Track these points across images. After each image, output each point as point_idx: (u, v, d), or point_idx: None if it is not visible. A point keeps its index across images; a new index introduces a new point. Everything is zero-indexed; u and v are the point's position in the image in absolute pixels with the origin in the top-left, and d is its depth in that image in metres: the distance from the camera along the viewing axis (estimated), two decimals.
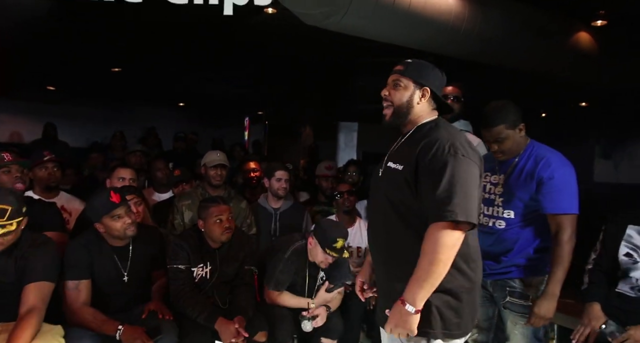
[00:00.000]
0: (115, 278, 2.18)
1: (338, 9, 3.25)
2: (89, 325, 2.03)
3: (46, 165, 2.65)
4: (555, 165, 1.85)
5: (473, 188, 1.39)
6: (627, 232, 1.90)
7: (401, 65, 1.57)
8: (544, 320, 1.83)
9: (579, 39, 4.59)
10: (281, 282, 2.48)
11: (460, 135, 1.51)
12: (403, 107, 1.53)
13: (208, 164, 2.98)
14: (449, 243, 1.35)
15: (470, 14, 3.75)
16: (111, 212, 2.10)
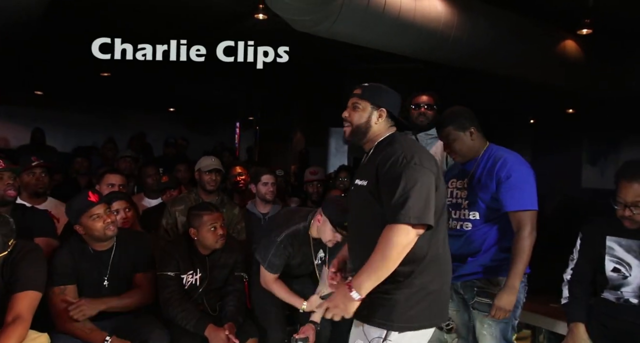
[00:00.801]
0: (96, 283, 2.15)
1: (328, 15, 3.27)
2: (75, 332, 2.00)
3: (34, 171, 2.61)
4: (512, 165, 1.91)
5: (427, 193, 1.51)
6: (607, 244, 1.84)
7: (359, 88, 1.71)
8: (504, 312, 1.87)
9: (566, 47, 4.68)
10: (274, 264, 2.37)
11: (416, 146, 1.66)
12: (361, 126, 1.67)
13: (203, 169, 2.96)
14: (401, 243, 1.46)
15: (459, 21, 3.80)
16: (89, 211, 2.07)
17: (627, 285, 1.81)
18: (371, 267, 1.47)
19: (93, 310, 2.06)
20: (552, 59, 4.59)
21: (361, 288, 1.46)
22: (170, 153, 5.97)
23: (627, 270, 1.80)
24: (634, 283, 1.79)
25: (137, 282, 2.23)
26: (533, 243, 1.87)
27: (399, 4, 3.44)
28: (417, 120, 2.51)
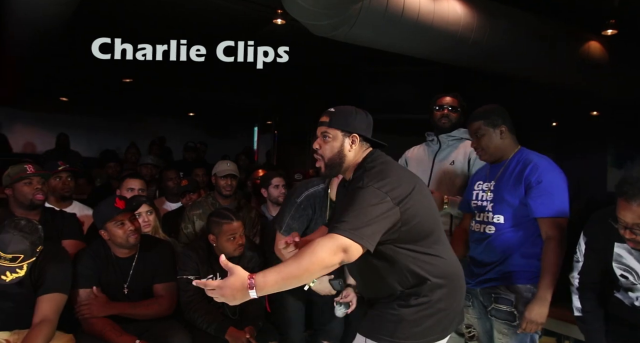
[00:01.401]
0: (116, 289, 2.17)
1: (346, 20, 3.27)
2: (105, 335, 2.03)
3: (60, 175, 2.69)
4: (544, 169, 1.86)
5: (374, 215, 1.39)
6: (615, 251, 1.71)
7: (326, 116, 1.61)
8: (536, 325, 1.80)
9: (590, 48, 4.58)
10: (292, 228, 2.28)
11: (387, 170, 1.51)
12: (335, 158, 1.58)
13: (218, 174, 3.00)
14: (324, 258, 1.32)
15: (478, 24, 3.76)
16: (114, 217, 2.10)
17: (636, 290, 1.71)
18: (283, 272, 1.31)
19: (102, 311, 2.07)
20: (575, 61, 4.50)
21: (262, 290, 1.29)
22: (189, 157, 6.05)
23: (635, 278, 1.68)
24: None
25: (156, 292, 2.23)
26: (564, 253, 1.80)
27: (418, 7, 3.42)
28: (440, 122, 2.46)
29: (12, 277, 1.84)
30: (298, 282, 1.33)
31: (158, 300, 2.19)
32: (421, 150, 2.56)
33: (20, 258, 1.84)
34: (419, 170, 2.46)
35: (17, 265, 1.84)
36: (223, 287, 1.28)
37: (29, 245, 1.86)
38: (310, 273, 1.32)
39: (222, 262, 1.32)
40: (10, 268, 1.84)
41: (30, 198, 2.24)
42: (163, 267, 2.26)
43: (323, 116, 1.62)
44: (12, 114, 7.87)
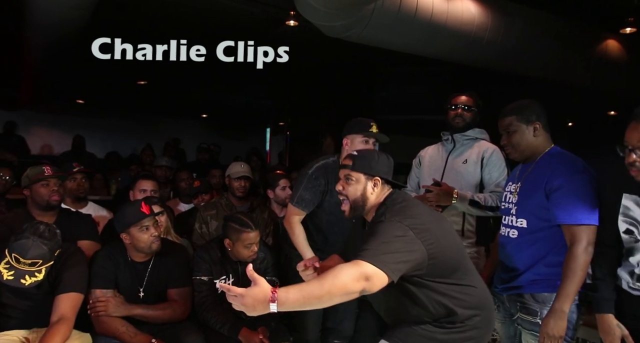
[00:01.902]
0: (132, 293, 2.18)
1: (359, 21, 3.27)
2: (120, 336, 2.04)
3: (75, 176, 2.73)
4: (567, 173, 1.74)
5: (398, 247, 1.44)
6: (623, 203, 1.61)
7: (349, 159, 1.69)
8: (555, 339, 1.70)
9: (607, 46, 4.50)
10: (304, 199, 2.30)
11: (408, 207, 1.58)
12: (358, 200, 1.66)
13: (232, 176, 3.02)
14: (347, 284, 1.35)
15: (493, 24, 3.72)
16: (140, 222, 2.11)
17: (637, 250, 1.60)
18: (305, 291, 1.34)
19: (118, 311, 2.08)
20: (592, 60, 4.43)
21: (283, 305, 1.30)
22: (203, 158, 6.10)
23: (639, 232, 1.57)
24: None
25: (170, 297, 2.22)
26: (588, 262, 1.69)
27: (431, 7, 3.40)
28: (453, 121, 2.42)
29: (30, 281, 1.88)
30: (318, 303, 1.35)
31: (172, 305, 2.19)
32: (436, 149, 2.55)
33: (39, 263, 1.88)
34: (431, 169, 2.46)
35: (36, 269, 1.88)
36: (245, 295, 1.30)
37: (47, 250, 1.89)
38: (331, 296, 1.34)
39: (248, 271, 1.35)
40: (29, 272, 1.87)
41: (47, 200, 2.28)
42: (178, 272, 2.25)
43: (346, 159, 1.71)
44: (30, 116, 8.03)
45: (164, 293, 2.23)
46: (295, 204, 2.33)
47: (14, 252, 1.85)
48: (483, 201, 2.24)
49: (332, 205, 2.32)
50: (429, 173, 2.44)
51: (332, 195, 2.30)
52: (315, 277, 1.65)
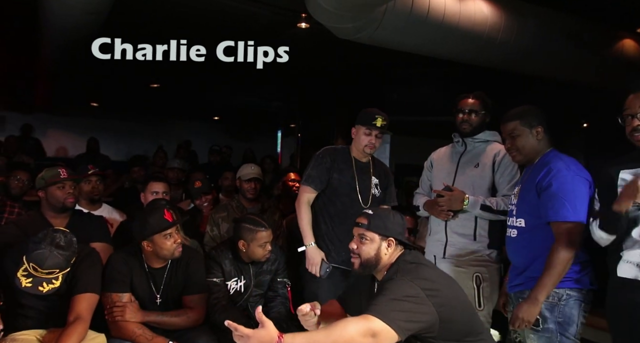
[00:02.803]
0: (148, 300, 2.18)
1: (371, 22, 3.26)
2: (137, 339, 2.04)
3: (90, 179, 2.77)
4: (556, 173, 1.82)
5: (405, 303, 1.46)
6: (620, 177, 1.67)
7: (364, 218, 1.70)
8: (524, 322, 1.80)
9: (624, 46, 4.43)
10: (311, 176, 2.43)
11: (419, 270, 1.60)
12: (371, 260, 1.67)
13: (243, 178, 3.03)
14: (352, 336, 1.37)
15: (506, 24, 3.69)
16: (166, 230, 2.10)
17: None
18: (312, 339, 1.38)
19: (134, 317, 2.08)
20: (607, 60, 4.36)
21: None
22: (214, 160, 6.14)
23: None
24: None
25: (185, 304, 2.21)
26: (570, 258, 1.76)
27: (443, 8, 3.38)
28: (461, 126, 2.38)
29: (48, 288, 1.90)
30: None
31: (187, 312, 2.18)
32: (447, 151, 2.52)
33: (55, 271, 1.90)
34: (443, 172, 2.44)
35: (53, 277, 1.90)
36: (252, 337, 1.32)
37: (63, 260, 1.91)
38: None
39: (257, 315, 1.37)
40: (46, 280, 1.89)
41: (62, 202, 2.30)
42: (193, 278, 2.24)
43: (361, 217, 1.71)
44: (45, 119, 8.17)
45: (179, 300, 2.23)
46: (304, 183, 2.46)
47: (32, 262, 1.87)
48: (495, 205, 2.24)
49: (343, 185, 2.42)
50: (441, 176, 2.44)
51: (342, 174, 2.42)
52: (315, 323, 1.68)
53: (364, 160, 2.49)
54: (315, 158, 2.50)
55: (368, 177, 2.48)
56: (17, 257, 1.92)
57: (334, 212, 2.43)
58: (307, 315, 1.68)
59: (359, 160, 2.48)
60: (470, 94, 2.41)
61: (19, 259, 1.90)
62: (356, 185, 2.43)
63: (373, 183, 2.48)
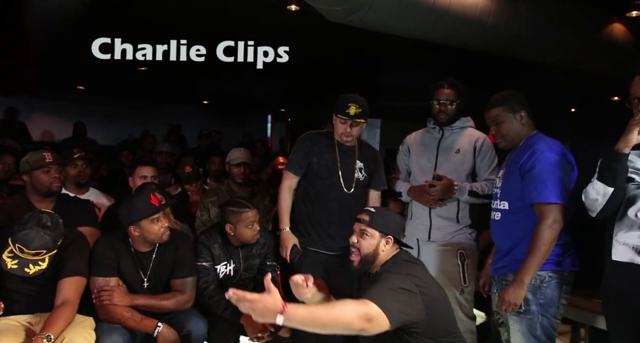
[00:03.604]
0: (135, 283, 2.18)
1: (362, 5, 3.22)
2: (126, 321, 2.04)
3: (76, 163, 2.73)
4: (539, 155, 1.84)
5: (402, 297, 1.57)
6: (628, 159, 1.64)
7: (367, 214, 1.80)
8: (509, 305, 1.83)
9: (613, 30, 4.43)
10: (292, 161, 2.45)
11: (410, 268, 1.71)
12: (370, 255, 1.78)
13: (232, 162, 3.02)
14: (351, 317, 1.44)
15: (496, 8, 3.67)
16: (153, 215, 2.09)
17: None
18: (314, 313, 1.43)
19: (122, 301, 2.08)
20: (597, 44, 4.36)
21: (289, 319, 1.36)
22: (204, 145, 6.10)
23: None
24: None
25: (174, 288, 2.22)
26: (553, 238, 1.79)
27: None
28: (438, 117, 2.44)
29: (35, 270, 1.89)
30: (321, 327, 1.43)
31: (176, 295, 2.19)
32: (423, 136, 2.56)
33: (42, 252, 1.89)
34: (423, 158, 2.49)
35: (40, 258, 1.89)
36: (258, 301, 1.35)
37: (50, 240, 1.90)
38: (334, 324, 1.42)
39: (266, 281, 1.40)
40: (33, 262, 1.88)
41: (47, 186, 2.27)
42: (182, 262, 2.24)
43: (363, 214, 1.82)
44: (31, 103, 8.00)
45: (168, 283, 2.23)
46: (285, 168, 2.49)
47: (18, 242, 1.86)
48: (480, 190, 2.34)
49: (323, 169, 2.42)
50: (421, 162, 2.49)
51: (323, 158, 2.42)
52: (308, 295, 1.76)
53: (349, 144, 2.46)
54: (297, 143, 2.50)
55: (352, 161, 2.46)
56: (1, 240, 1.91)
57: (315, 195, 2.43)
58: (299, 286, 1.74)
59: (343, 144, 2.45)
60: (444, 82, 2.44)
61: (4, 242, 1.89)
62: (338, 170, 2.42)
63: (357, 167, 2.46)
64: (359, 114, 2.33)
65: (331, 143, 2.45)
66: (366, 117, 2.37)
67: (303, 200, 2.46)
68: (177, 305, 2.18)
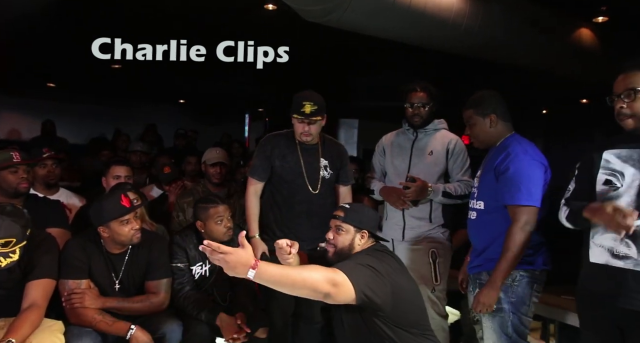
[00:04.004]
0: (107, 285, 2.13)
1: (339, 5, 3.23)
2: (97, 325, 1.99)
3: (45, 162, 2.64)
4: (514, 157, 1.87)
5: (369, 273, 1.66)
6: (604, 157, 1.63)
7: (341, 211, 1.87)
8: (485, 306, 1.86)
9: (581, 35, 4.58)
10: (255, 166, 2.40)
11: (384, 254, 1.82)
12: (345, 249, 1.83)
13: (207, 162, 2.99)
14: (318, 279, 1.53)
15: (471, 10, 3.73)
16: (121, 216, 2.05)
17: (617, 198, 1.56)
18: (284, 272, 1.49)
19: (94, 303, 2.03)
20: (567, 48, 4.50)
21: (259, 276, 1.42)
22: (180, 144, 6.01)
23: (618, 180, 1.58)
24: (625, 196, 1.55)
25: (148, 289, 2.18)
26: (525, 240, 1.82)
27: None
28: (412, 120, 2.48)
29: (6, 262, 1.82)
30: (290, 286, 1.50)
31: (150, 297, 2.15)
32: (398, 137, 2.60)
33: (12, 242, 1.82)
34: (397, 159, 2.53)
35: (10, 249, 1.82)
36: (230, 254, 1.39)
37: (19, 228, 1.83)
38: (303, 285, 1.50)
39: (240, 238, 1.44)
40: (3, 254, 1.82)
41: (14, 187, 2.21)
42: (156, 263, 2.20)
43: (338, 210, 1.89)
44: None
45: (141, 285, 2.19)
46: (249, 174, 2.45)
47: None
48: (454, 191, 2.39)
49: (287, 171, 2.38)
50: (396, 163, 2.52)
51: (285, 160, 2.38)
52: (291, 262, 1.81)
53: (311, 142, 2.40)
54: (258, 146, 2.46)
55: (315, 159, 2.40)
56: None
57: (281, 199, 2.40)
58: (283, 249, 1.78)
59: (305, 143, 2.39)
60: (416, 85, 2.47)
61: None
62: (302, 171, 2.37)
63: (322, 166, 2.41)
64: (315, 111, 2.27)
65: (292, 144, 2.40)
66: (322, 113, 2.31)
67: (270, 205, 2.42)
68: (151, 307, 2.14)
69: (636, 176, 1.54)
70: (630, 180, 1.55)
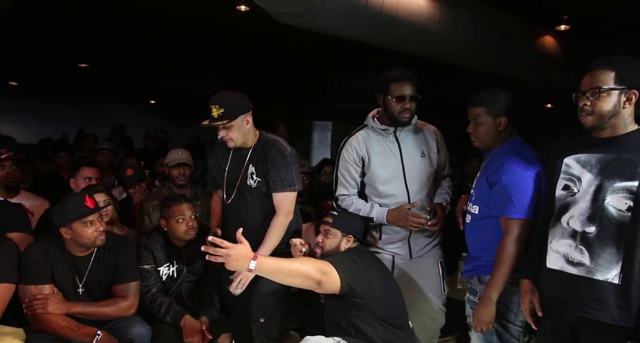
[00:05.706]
0: (69, 290, 2.06)
1: (310, 8, 3.24)
2: (61, 331, 1.92)
3: (4, 164, 2.51)
4: (506, 168, 1.78)
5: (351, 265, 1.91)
6: (565, 162, 1.61)
7: (330, 217, 2.07)
8: (483, 324, 1.78)
9: (545, 42, 4.74)
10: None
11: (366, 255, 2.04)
12: (331, 251, 2.02)
13: (170, 164, 2.94)
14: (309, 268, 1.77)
15: (441, 16, 3.81)
16: (85, 217, 1.97)
17: (574, 204, 1.55)
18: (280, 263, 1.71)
19: (57, 309, 1.95)
20: (532, 55, 4.65)
21: (260, 266, 1.61)
22: (150, 145, 5.89)
23: (575, 184, 1.56)
24: (581, 202, 1.54)
25: (116, 293, 2.11)
26: (518, 253, 1.74)
27: None
28: (401, 116, 2.13)
29: None
30: (286, 275, 1.73)
31: (117, 301, 2.08)
32: (378, 142, 2.24)
33: None
34: (389, 167, 2.23)
35: None
36: (232, 248, 1.56)
37: None
38: (297, 273, 1.74)
39: (238, 234, 1.60)
40: None
41: None
42: (124, 266, 2.14)
43: (327, 216, 2.09)
44: None
45: (107, 289, 2.12)
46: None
47: None
48: (448, 201, 2.29)
49: (220, 180, 2.24)
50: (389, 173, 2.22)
51: (220, 170, 2.24)
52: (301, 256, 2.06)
53: (243, 147, 2.15)
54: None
55: (241, 167, 2.15)
56: None
57: (223, 211, 2.28)
58: (296, 247, 2.05)
59: (237, 149, 2.16)
60: (399, 75, 2.15)
61: None
62: (223, 180, 2.20)
63: (249, 173, 2.13)
64: (221, 115, 2.02)
65: (227, 151, 2.20)
66: (231, 116, 2.03)
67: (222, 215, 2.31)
68: (118, 311, 2.07)
69: (592, 182, 1.53)
70: (587, 185, 1.53)
